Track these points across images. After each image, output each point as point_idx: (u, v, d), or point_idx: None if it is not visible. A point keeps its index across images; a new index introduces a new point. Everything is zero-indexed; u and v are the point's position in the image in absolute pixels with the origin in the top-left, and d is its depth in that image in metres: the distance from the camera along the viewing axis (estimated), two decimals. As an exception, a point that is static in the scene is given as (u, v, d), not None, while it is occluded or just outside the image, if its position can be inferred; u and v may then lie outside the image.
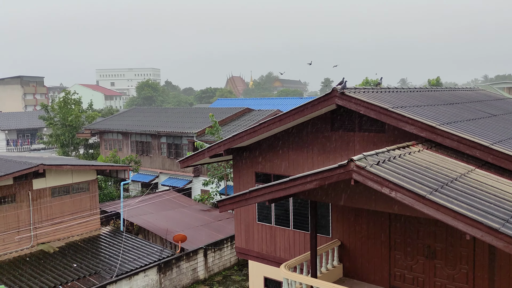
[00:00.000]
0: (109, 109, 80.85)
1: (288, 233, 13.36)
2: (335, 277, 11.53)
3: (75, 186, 22.11)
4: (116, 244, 21.48)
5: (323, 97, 11.22)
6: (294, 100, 48.45)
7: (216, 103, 53.54)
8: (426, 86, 15.27)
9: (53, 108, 39.10)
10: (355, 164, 7.77)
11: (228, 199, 10.26)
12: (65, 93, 39.63)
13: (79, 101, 40.11)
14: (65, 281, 17.72)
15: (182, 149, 32.48)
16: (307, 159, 12.65)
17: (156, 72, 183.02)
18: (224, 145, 13.46)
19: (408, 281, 10.57)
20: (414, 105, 11.33)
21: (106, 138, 37.83)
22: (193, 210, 26.92)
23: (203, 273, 21.54)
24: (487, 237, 6.43)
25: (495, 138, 9.67)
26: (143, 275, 18.96)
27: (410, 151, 9.24)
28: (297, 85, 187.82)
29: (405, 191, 7.20)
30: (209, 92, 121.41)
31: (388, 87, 13.28)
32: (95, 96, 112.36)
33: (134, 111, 42.21)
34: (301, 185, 8.85)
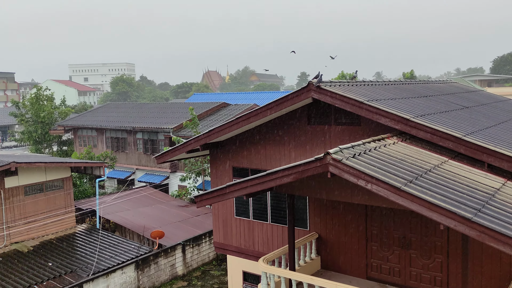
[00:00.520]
0: (83, 105, 79.18)
1: (266, 227, 13.38)
2: (313, 269, 11.62)
3: (49, 184, 21.61)
4: (92, 242, 21.12)
5: (299, 91, 11.23)
6: (270, 94, 48.49)
7: (192, 98, 53.12)
8: (401, 80, 15.48)
9: (24, 105, 38.07)
10: (332, 157, 7.80)
11: (206, 194, 10.19)
12: (37, 89, 38.61)
13: (52, 97, 39.17)
14: (41, 280, 17.33)
15: (158, 145, 32.12)
16: (284, 153, 12.67)
17: (130, 67, 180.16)
18: (201, 140, 13.36)
19: (384, 272, 10.74)
20: (388, 98, 11.47)
21: (80, 134, 37.07)
22: (171, 206, 26.70)
23: (181, 269, 21.41)
24: (460, 227, 6.56)
25: (467, 130, 9.88)
26: (120, 273, 18.72)
27: (385, 143, 9.35)
28: (274, 79, 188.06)
29: (380, 183, 7.28)
30: (185, 87, 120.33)
31: (363, 81, 13.41)
32: (68, 92, 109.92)
33: (109, 107, 41.45)
34: (278, 179, 8.85)
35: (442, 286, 9.88)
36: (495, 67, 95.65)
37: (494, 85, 72.27)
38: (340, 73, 38.50)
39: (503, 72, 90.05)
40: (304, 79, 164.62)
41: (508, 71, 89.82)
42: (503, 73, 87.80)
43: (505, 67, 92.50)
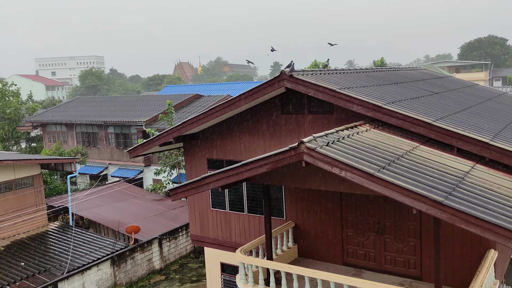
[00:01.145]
0: (51, 100, 77.03)
1: (242, 218, 13.38)
2: (291, 257, 11.70)
3: (18, 182, 21.00)
4: (66, 240, 20.69)
5: (272, 81, 11.19)
6: (244, 84, 48.31)
7: (164, 90, 52.39)
8: (372, 67, 15.64)
9: (-12, 102, 36.76)
10: (306, 146, 7.82)
11: (180, 187, 10.07)
12: (1, 85, 37.29)
13: (18, 92, 37.92)
14: (13, 281, 16.89)
15: (131, 139, 31.60)
16: (259, 143, 12.65)
17: (100, 60, 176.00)
18: (174, 133, 13.18)
19: (360, 257, 10.92)
20: (360, 86, 11.57)
21: (49, 130, 36.08)
22: (146, 200, 26.39)
23: (158, 263, 21.25)
24: (432, 210, 6.70)
25: (437, 115, 10.08)
26: (96, 269, 18.43)
27: (358, 130, 9.44)
28: (247, 69, 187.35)
29: (354, 170, 7.35)
30: (156, 79, 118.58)
31: (335, 69, 13.47)
32: (35, 87, 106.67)
33: (78, 101, 40.42)
34: (253, 169, 8.82)
35: (416, 268, 10.13)
36: (462, 53, 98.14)
37: (462, 71, 74.19)
38: (313, 62, 38.66)
39: (470, 58, 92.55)
40: (277, 69, 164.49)
41: (474, 57, 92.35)
42: (470, 59, 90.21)
43: (472, 53, 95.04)
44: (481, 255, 9.30)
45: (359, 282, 8.32)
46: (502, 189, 7.68)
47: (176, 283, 19.72)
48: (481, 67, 74.92)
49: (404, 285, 9.88)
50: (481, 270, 8.21)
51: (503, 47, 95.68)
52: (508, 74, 73.41)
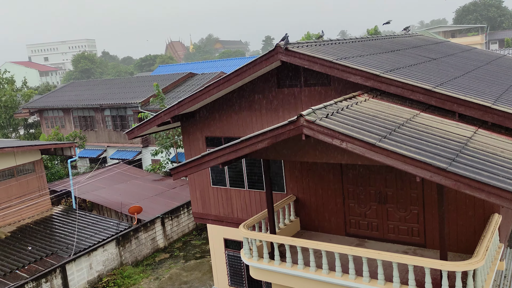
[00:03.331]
0: (46, 85, 76.26)
1: (243, 193, 13.38)
2: (293, 231, 11.76)
3: (20, 168, 20.99)
4: (70, 223, 20.80)
5: (267, 54, 10.99)
6: (237, 60, 47.80)
7: (157, 70, 51.84)
8: (367, 36, 15.37)
9: (-18, 90, 36.39)
10: (305, 119, 7.72)
11: (181, 166, 10.02)
12: (-6, 72, 36.86)
13: (12, 79, 37.49)
14: (22, 265, 17.07)
15: (127, 121, 31.42)
16: (256, 119, 12.53)
17: (91, 43, 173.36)
18: (171, 112, 13.04)
19: (362, 227, 10.96)
20: (357, 55, 11.37)
21: (47, 116, 35.82)
22: (146, 180, 26.44)
23: (162, 242, 21.44)
24: (436, 177, 6.66)
25: (437, 81, 9.93)
26: (102, 250, 18.59)
27: (357, 101, 9.31)
28: (238, 45, 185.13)
29: (355, 140, 7.27)
30: (149, 60, 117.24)
31: (330, 40, 13.21)
32: (29, 73, 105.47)
33: (73, 86, 40.01)
34: (253, 145, 8.75)
35: (420, 236, 10.17)
36: (457, 18, 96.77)
37: (457, 35, 73.29)
38: (306, 34, 38.10)
39: (466, 22, 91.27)
40: (269, 43, 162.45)
41: (470, 21, 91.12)
42: (465, 23, 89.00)
43: (467, 16, 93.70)
44: (485, 220, 9.32)
45: (364, 251, 8.36)
46: (506, 152, 7.62)
47: (180, 260, 19.94)
48: (477, 31, 74.02)
49: (408, 252, 9.94)
50: (486, 234, 8.24)
51: (499, 9, 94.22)
52: (504, 36, 72.46)
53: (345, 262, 9.31)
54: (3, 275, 16.41)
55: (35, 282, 16.06)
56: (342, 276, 8.97)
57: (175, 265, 19.56)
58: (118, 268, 19.16)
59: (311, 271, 9.32)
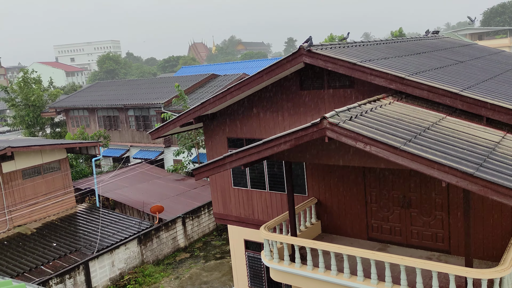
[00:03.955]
0: (72, 85, 77.96)
1: (264, 195, 13.38)
2: (314, 233, 11.69)
3: (46, 166, 21.52)
4: (94, 220, 21.20)
5: (290, 56, 10.97)
6: (259, 62, 47.84)
7: (180, 71, 52.35)
8: (392, 38, 15.19)
9: (13, 89, 37.39)
10: (328, 121, 7.67)
11: (203, 167, 10.09)
12: (23, 73, 37.83)
13: (39, 79, 38.45)
14: (47, 261, 17.48)
15: (150, 121, 31.82)
16: (278, 121, 12.52)
17: (116, 44, 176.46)
18: (194, 113, 13.15)
19: (385, 232, 10.82)
20: (381, 58, 11.24)
21: (72, 115, 36.61)
22: (168, 180, 26.72)
23: (183, 241, 21.63)
24: (463, 182, 6.52)
25: (464, 84, 9.73)
26: (124, 248, 18.88)
27: (381, 104, 9.21)
28: (261, 47, 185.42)
29: (379, 144, 7.18)
30: (172, 61, 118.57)
31: (354, 42, 13.12)
32: (55, 74, 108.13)
33: (98, 86, 40.80)
34: (275, 146, 8.74)
35: (444, 242, 9.98)
36: (485, 20, 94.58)
37: (485, 38, 71.65)
38: (329, 35, 37.87)
39: (494, 24, 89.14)
40: (292, 45, 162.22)
41: (498, 23, 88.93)
42: (493, 25, 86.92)
43: (495, 18, 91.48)
44: (512, 227, 9.08)
45: (386, 256, 8.25)
46: (534, 158, 7.41)
47: (201, 260, 20.06)
48: (506, 33, 72.18)
49: (432, 258, 9.76)
50: (513, 241, 8.03)
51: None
52: (534, 39, 70.50)
53: (367, 266, 9.20)
54: (28, 270, 16.85)
55: (59, 278, 16.42)
56: (364, 281, 8.86)
57: (195, 265, 19.70)
58: (140, 267, 19.41)
59: (332, 274, 9.25)
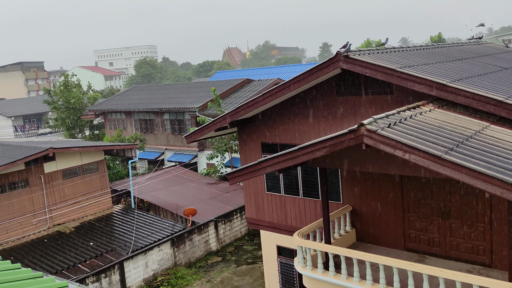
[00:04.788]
0: (110, 89, 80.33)
1: (298, 201, 13.30)
2: (349, 242, 11.51)
3: (85, 167, 22.20)
4: (129, 221, 21.66)
5: (327, 62, 10.89)
6: (293, 67, 47.74)
7: (215, 76, 52.93)
8: (432, 43, 14.83)
9: (55, 92, 38.86)
10: (366, 128, 7.56)
11: (238, 171, 10.14)
12: (64, 77, 39.27)
13: (79, 83, 39.80)
14: (84, 259, 17.99)
15: (185, 125, 32.30)
16: (313, 126, 12.44)
17: (153, 49, 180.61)
18: (229, 118, 13.25)
19: (423, 242, 10.52)
20: (421, 64, 10.99)
21: (110, 118, 37.66)
22: (201, 184, 26.99)
23: (215, 245, 21.75)
24: (507, 194, 6.26)
25: (509, 92, 9.37)
26: (157, 250, 19.17)
27: (421, 111, 8.99)
28: (295, 52, 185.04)
29: (419, 152, 7.01)
30: (206, 66, 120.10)
31: (393, 47, 12.90)
32: (95, 78, 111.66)
33: (135, 90, 41.84)
34: (310, 153, 8.68)
35: (485, 255, 9.60)
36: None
37: (529, 44, 68.70)
38: (366, 40, 37.38)
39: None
40: (327, 50, 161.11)
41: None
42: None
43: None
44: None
45: (425, 268, 8.01)
46: None
47: (232, 265, 20.11)
48: (552, 39, 69.03)
49: (472, 272, 9.41)
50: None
51: None
52: None
53: (403, 277, 8.96)
54: (66, 268, 17.38)
55: (95, 276, 16.85)
56: (400, 292, 8.65)
57: (227, 269, 19.77)
58: (172, 268, 19.66)
59: (368, 284, 9.07)
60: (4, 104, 59.52)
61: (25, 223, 19.90)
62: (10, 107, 58.11)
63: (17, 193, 19.65)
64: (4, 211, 19.22)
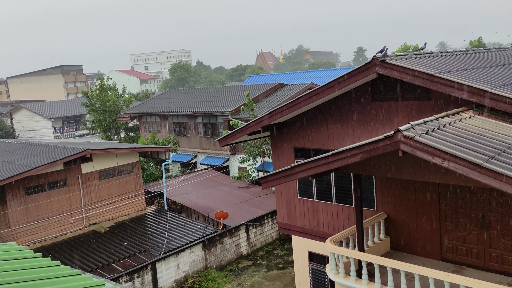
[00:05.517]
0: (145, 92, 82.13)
1: (330, 207, 13.17)
2: (383, 250, 11.29)
3: (120, 169, 22.71)
4: (162, 223, 22.01)
5: (363, 67, 10.78)
6: (327, 72, 47.42)
7: (248, 80, 53.22)
8: (473, 48, 14.41)
9: (91, 95, 40.09)
10: (403, 134, 7.42)
11: (271, 176, 10.15)
12: (100, 80, 40.46)
13: (114, 86, 40.90)
14: (118, 259, 18.39)
15: (218, 128, 32.60)
16: (347, 132, 12.31)
17: (187, 53, 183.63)
18: (262, 122, 13.29)
19: (461, 253, 10.19)
20: (461, 69, 10.70)
21: (145, 121, 38.49)
22: (232, 187, 27.14)
23: (246, 249, 21.80)
24: (553, 206, 6.00)
25: (555, 99, 8.98)
26: (189, 252, 19.39)
27: (461, 117, 8.75)
28: (329, 56, 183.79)
29: (459, 160, 6.82)
30: (239, 70, 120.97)
31: (431, 52, 12.62)
32: (131, 81, 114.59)
33: (170, 93, 42.62)
34: (345, 158, 8.60)
35: (528, 269, 9.23)
36: None
37: None
38: (403, 45, 36.70)
39: None
40: (361, 55, 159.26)
41: None
42: None
43: None
44: None
45: (463, 279, 7.76)
46: None
47: (263, 269, 20.10)
48: None
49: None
50: None
51: None
52: None
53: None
54: (101, 266, 17.83)
55: (128, 276, 17.20)
56: (436, 304, 8.41)
57: (257, 273, 19.77)
58: (203, 271, 19.83)
59: (402, 294, 8.88)
60: (45, 106, 61.94)
61: (63, 222, 20.55)
62: (50, 109, 60.42)
63: (56, 192, 20.34)
64: (43, 210, 19.93)
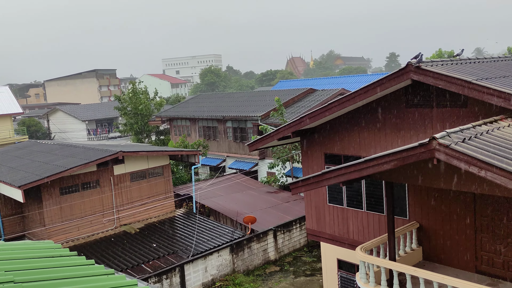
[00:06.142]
0: (176, 96, 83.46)
1: (361, 215, 12.99)
2: (415, 260, 11.04)
3: (151, 171, 23.11)
4: (190, 226, 22.24)
5: (397, 73, 10.62)
6: (358, 77, 46.92)
7: (278, 85, 53.26)
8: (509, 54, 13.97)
9: (124, 99, 41.03)
10: (438, 142, 7.26)
11: (301, 182, 10.12)
12: (132, 84, 41.36)
13: (146, 90, 41.73)
14: (147, 260, 18.70)
15: (247, 133, 32.73)
16: (379, 139, 12.13)
17: (217, 58, 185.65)
18: (292, 127, 13.28)
19: (497, 265, 9.85)
20: (500, 76, 10.39)
21: (175, 124, 39.09)
22: (261, 192, 27.15)
23: (273, 254, 21.74)
24: None
25: None
26: (217, 255, 19.50)
27: (499, 126, 8.49)
28: (360, 61, 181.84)
29: (496, 169, 6.61)
30: (269, 75, 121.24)
31: (468, 58, 12.31)
32: (162, 85, 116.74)
33: (200, 98, 43.15)
34: (377, 166, 8.48)
35: None
36: None
37: None
38: (438, 51, 35.93)
39: None
40: (394, 60, 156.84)
41: None
42: None
43: None
44: None
45: (499, 294, 7.50)
46: None
47: (290, 275, 19.98)
48: None
49: (553, 302, 8.67)
50: None
51: None
52: None
53: (474, 302, 8.44)
54: (131, 267, 18.16)
55: (157, 277, 17.45)
56: (471, 317, 8.14)
57: (285, 279, 19.67)
58: (230, 275, 19.89)
59: (434, 306, 8.64)
60: (80, 109, 63.90)
61: (95, 222, 21.07)
62: (85, 112, 62.28)
63: (89, 193, 20.89)
64: (76, 209, 20.50)
